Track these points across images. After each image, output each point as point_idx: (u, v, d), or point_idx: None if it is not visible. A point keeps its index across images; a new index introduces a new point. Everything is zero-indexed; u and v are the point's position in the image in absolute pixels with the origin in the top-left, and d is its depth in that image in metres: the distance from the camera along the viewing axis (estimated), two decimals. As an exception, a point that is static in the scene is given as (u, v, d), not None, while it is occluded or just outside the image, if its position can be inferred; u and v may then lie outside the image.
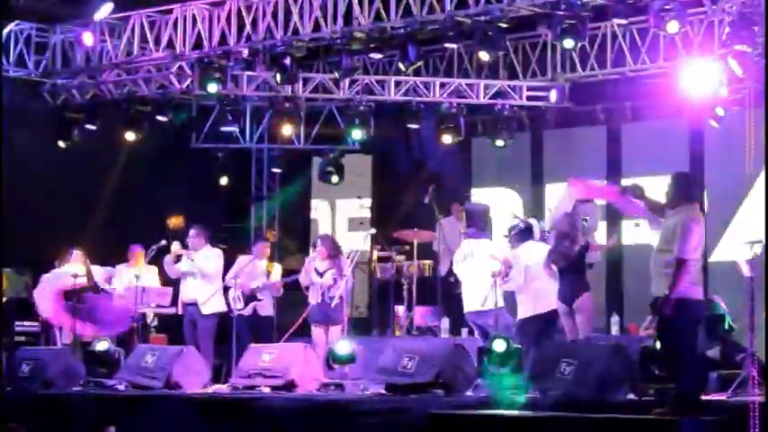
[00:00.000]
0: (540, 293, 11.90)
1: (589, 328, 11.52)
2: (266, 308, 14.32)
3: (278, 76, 14.59)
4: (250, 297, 14.11)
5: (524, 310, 12.06)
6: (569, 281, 11.55)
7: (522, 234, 12.28)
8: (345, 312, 13.09)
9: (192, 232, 13.93)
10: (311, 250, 13.92)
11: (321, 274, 13.20)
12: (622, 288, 15.90)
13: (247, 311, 14.08)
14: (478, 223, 12.65)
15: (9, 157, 12.06)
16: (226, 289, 13.92)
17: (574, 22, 12.56)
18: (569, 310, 11.48)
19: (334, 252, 13.35)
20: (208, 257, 13.87)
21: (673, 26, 12.30)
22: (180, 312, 14.07)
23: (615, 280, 15.94)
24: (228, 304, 13.90)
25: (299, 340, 13.21)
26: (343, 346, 12.34)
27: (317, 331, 13.23)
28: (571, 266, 11.59)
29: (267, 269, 14.37)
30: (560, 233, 11.76)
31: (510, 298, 12.23)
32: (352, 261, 13.45)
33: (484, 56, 13.53)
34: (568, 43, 12.94)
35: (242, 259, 14.22)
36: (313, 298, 13.23)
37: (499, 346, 11.21)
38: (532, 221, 12.71)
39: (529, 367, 10.96)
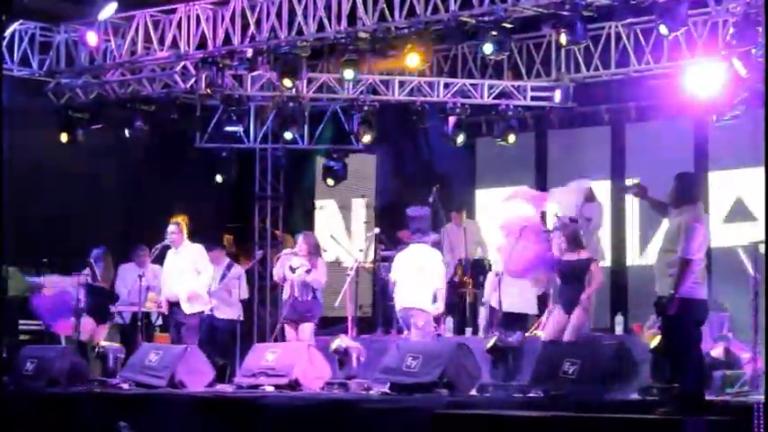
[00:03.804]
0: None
1: (574, 334, 11.53)
2: (224, 311, 14.29)
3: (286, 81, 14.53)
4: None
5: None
6: (571, 290, 11.61)
7: None
8: (319, 311, 13.26)
9: (171, 228, 13.68)
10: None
11: (294, 271, 13.20)
12: (627, 287, 15.88)
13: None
14: (422, 227, 13.43)
15: (12, 157, 12.04)
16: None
17: (576, 21, 12.55)
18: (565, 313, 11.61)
19: (314, 250, 13.32)
20: (200, 253, 13.77)
21: (664, 29, 12.30)
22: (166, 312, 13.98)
23: (619, 279, 15.92)
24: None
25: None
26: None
27: (287, 328, 13.28)
28: (574, 275, 11.63)
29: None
30: (568, 238, 11.79)
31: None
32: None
33: (488, 48, 13.19)
34: (563, 40, 12.91)
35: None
36: (285, 294, 13.29)
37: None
38: None
39: (533, 367, 10.99)
